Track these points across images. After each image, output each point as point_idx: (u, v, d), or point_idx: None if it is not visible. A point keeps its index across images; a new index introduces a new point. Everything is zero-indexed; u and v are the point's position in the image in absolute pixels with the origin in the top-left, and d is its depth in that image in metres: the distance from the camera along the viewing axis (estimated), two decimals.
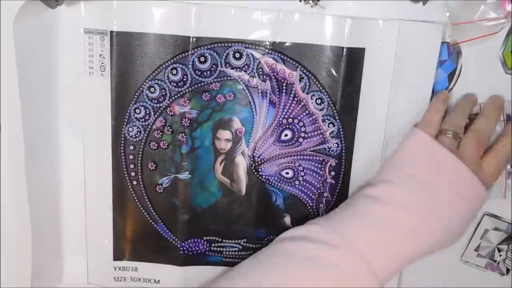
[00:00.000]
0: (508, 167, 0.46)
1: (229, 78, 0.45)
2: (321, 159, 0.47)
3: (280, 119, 0.46)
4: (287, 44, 0.44)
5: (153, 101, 0.46)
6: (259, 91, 0.45)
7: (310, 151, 0.47)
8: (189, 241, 0.49)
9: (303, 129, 0.46)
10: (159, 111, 0.46)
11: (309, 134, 0.46)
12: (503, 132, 0.45)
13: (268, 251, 0.43)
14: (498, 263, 0.50)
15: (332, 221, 0.42)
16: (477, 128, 0.43)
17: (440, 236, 0.41)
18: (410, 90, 0.45)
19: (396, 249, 0.40)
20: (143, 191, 0.48)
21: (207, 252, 0.50)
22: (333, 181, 0.47)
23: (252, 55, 0.44)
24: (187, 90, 0.45)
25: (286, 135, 0.46)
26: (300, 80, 0.45)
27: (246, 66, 0.45)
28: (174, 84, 0.45)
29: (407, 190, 0.41)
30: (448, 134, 0.42)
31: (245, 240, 0.49)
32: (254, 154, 0.47)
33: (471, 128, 0.43)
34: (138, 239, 0.49)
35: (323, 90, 0.45)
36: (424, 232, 0.41)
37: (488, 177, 0.43)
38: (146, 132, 0.47)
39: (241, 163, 0.47)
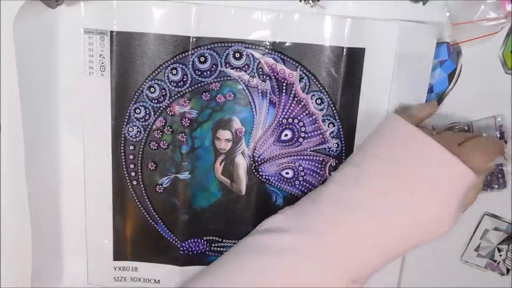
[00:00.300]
0: (509, 168, 0.46)
1: (229, 78, 0.45)
2: (321, 159, 0.47)
3: (280, 119, 0.46)
4: (287, 44, 0.44)
5: (153, 101, 0.46)
6: (259, 91, 0.45)
7: (310, 151, 0.47)
8: (189, 241, 0.49)
9: (303, 129, 0.46)
10: (159, 111, 0.46)
11: (309, 134, 0.46)
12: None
13: (237, 247, 0.43)
14: (498, 263, 0.50)
15: (296, 208, 0.42)
16: (460, 133, 0.43)
17: (415, 226, 0.38)
18: (410, 90, 0.45)
19: (360, 234, 0.38)
20: (143, 191, 0.48)
21: (207, 252, 0.49)
22: None
23: (252, 55, 0.44)
24: (187, 90, 0.45)
25: (286, 135, 0.46)
26: (300, 80, 0.45)
27: (246, 66, 0.45)
28: (174, 84, 0.45)
29: (373, 172, 0.39)
30: (424, 127, 0.42)
31: None
32: (254, 154, 0.47)
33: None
34: (138, 239, 0.49)
35: (323, 90, 0.45)
36: (396, 217, 0.37)
37: (470, 157, 0.38)
38: (146, 132, 0.47)
39: (241, 163, 0.47)
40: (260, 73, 0.45)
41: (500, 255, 0.49)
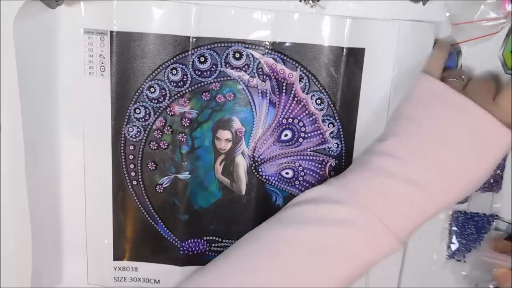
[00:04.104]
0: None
1: (229, 78, 0.45)
2: (321, 159, 0.47)
3: (280, 119, 0.46)
4: (287, 44, 0.44)
5: (153, 101, 0.46)
6: (259, 91, 0.45)
7: (310, 151, 0.47)
8: (189, 241, 0.49)
9: (303, 129, 0.46)
10: (159, 111, 0.46)
11: (309, 134, 0.46)
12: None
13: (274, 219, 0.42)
14: None
15: (343, 181, 0.41)
16: (483, 77, 0.42)
17: (460, 189, 0.38)
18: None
19: (411, 205, 0.38)
20: (143, 191, 0.48)
21: (207, 252, 0.50)
22: None
23: (252, 55, 0.44)
24: (187, 90, 0.45)
25: (286, 135, 0.46)
26: (300, 80, 0.45)
27: (246, 66, 0.45)
28: (174, 84, 0.45)
29: (417, 140, 0.38)
30: (453, 78, 0.40)
31: None
32: (254, 154, 0.47)
33: (475, 76, 0.43)
34: (138, 239, 0.49)
35: (323, 90, 0.45)
36: (443, 184, 0.38)
37: (506, 114, 0.38)
38: (146, 132, 0.47)
39: (241, 163, 0.47)
40: (260, 73, 0.45)
41: None
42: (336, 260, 0.38)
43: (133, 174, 0.47)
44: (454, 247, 0.49)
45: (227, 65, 0.45)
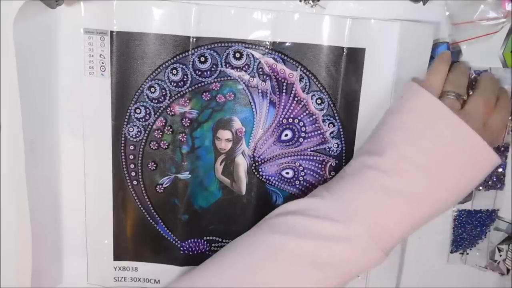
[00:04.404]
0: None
1: (229, 78, 0.45)
2: (321, 159, 0.47)
3: (280, 119, 0.46)
4: (287, 44, 0.44)
5: (153, 101, 0.46)
6: (259, 91, 0.45)
7: (310, 151, 0.47)
8: (189, 241, 0.49)
9: (303, 129, 0.46)
10: (159, 111, 0.46)
11: (309, 134, 0.46)
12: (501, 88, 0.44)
13: (256, 238, 0.41)
14: (498, 263, 0.50)
15: (336, 193, 0.41)
16: (482, 86, 0.42)
17: (444, 204, 0.40)
18: None
19: (400, 218, 0.39)
20: (143, 191, 0.48)
21: (207, 252, 0.49)
22: None
23: (252, 55, 0.44)
24: (187, 90, 0.45)
25: (286, 135, 0.46)
26: (300, 80, 0.45)
27: (246, 66, 0.45)
28: (174, 84, 0.45)
29: (409, 154, 0.39)
30: (450, 95, 0.41)
31: None
32: (254, 154, 0.47)
33: (477, 87, 0.42)
34: (138, 239, 0.49)
35: (323, 90, 0.45)
36: (430, 198, 0.39)
37: (494, 134, 0.41)
38: (146, 132, 0.47)
39: (241, 163, 0.47)
40: (260, 73, 0.45)
41: (500, 255, 0.49)
42: (323, 273, 0.39)
43: (133, 174, 0.47)
44: (457, 243, 0.49)
45: (227, 65, 0.45)
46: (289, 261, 0.39)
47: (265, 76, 0.45)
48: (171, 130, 0.46)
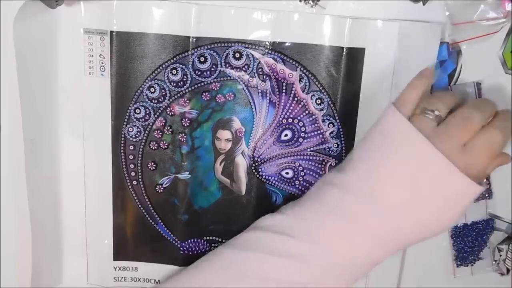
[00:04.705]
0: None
1: (229, 78, 0.45)
2: (321, 159, 0.47)
3: (280, 119, 0.46)
4: (287, 44, 0.44)
5: (153, 101, 0.46)
6: (259, 91, 0.45)
7: (310, 151, 0.47)
8: (189, 241, 0.49)
9: (303, 129, 0.46)
10: (159, 111, 0.46)
11: (309, 134, 0.46)
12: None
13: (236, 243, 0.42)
14: (498, 263, 0.50)
15: (300, 212, 0.40)
16: (467, 110, 0.36)
17: (414, 235, 0.37)
18: None
19: (356, 245, 0.37)
20: (143, 191, 0.48)
21: (207, 252, 0.49)
22: None
23: (252, 55, 0.44)
24: (187, 90, 0.45)
25: (286, 135, 0.46)
26: (300, 80, 0.45)
27: (246, 66, 0.45)
28: (174, 84, 0.45)
29: (373, 179, 0.36)
30: (427, 114, 0.37)
31: None
32: (254, 154, 0.47)
33: (461, 108, 0.37)
34: (138, 239, 0.49)
35: (323, 90, 0.45)
36: (393, 227, 0.36)
37: (475, 158, 0.35)
38: (146, 132, 0.47)
39: (241, 163, 0.47)
40: (260, 73, 0.45)
41: (500, 255, 0.49)
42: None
43: (133, 174, 0.47)
44: (460, 259, 0.49)
45: (227, 65, 0.45)
46: (248, 277, 0.39)
47: (264, 76, 0.45)
48: (170, 130, 0.46)
